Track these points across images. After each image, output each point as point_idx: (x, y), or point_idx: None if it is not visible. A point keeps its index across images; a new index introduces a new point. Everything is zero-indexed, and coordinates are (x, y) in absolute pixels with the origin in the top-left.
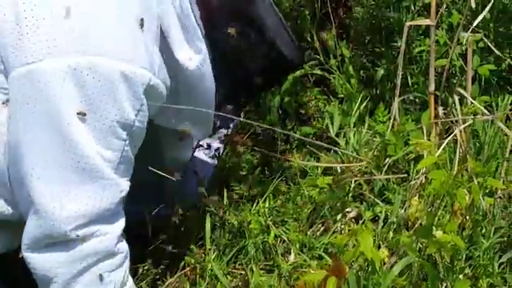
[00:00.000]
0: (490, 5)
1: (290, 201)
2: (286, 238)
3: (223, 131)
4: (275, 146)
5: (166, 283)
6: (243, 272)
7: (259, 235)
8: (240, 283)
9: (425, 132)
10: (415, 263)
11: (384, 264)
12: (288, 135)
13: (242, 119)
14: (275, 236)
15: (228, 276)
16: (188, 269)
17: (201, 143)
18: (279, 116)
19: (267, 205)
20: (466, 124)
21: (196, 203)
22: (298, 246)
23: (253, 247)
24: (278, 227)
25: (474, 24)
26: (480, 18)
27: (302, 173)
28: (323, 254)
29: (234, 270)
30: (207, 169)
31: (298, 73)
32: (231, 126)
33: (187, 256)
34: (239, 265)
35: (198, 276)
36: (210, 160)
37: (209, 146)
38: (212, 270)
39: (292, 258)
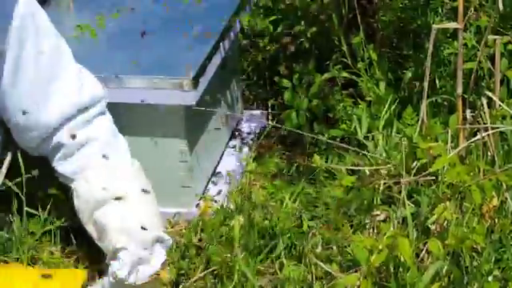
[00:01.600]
0: None
1: (320, 201)
2: (316, 232)
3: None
4: (303, 149)
5: (191, 281)
6: (272, 268)
7: (288, 232)
8: (269, 278)
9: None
10: (443, 266)
11: None
12: (316, 138)
13: (269, 123)
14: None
15: (257, 274)
16: (215, 267)
17: (227, 152)
18: (307, 119)
19: (296, 206)
20: (495, 130)
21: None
22: (325, 240)
23: (282, 242)
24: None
25: None
26: None
27: (329, 175)
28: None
29: (262, 268)
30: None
31: (325, 76)
32: (258, 130)
33: (213, 254)
34: (270, 262)
35: (224, 275)
36: (238, 164)
37: (240, 149)
38: (242, 266)
39: (320, 250)
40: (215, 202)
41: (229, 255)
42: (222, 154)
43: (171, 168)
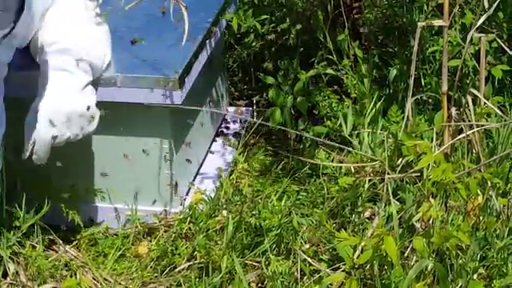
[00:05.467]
0: (496, 3)
1: (308, 196)
2: (304, 228)
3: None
4: (288, 145)
5: (176, 271)
6: (259, 262)
7: (275, 228)
8: (255, 272)
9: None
10: (428, 264)
11: None
12: (300, 136)
13: (255, 120)
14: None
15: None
16: (199, 260)
17: (212, 150)
18: (292, 116)
19: (283, 203)
20: (480, 128)
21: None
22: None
23: (271, 238)
24: (298, 214)
25: (480, 21)
26: (485, 16)
27: (313, 171)
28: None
29: (249, 261)
30: None
31: (310, 73)
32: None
33: (200, 247)
34: (256, 255)
35: (210, 266)
36: (224, 161)
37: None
38: (229, 260)
39: (307, 247)
40: (205, 195)
41: (216, 248)
42: (208, 152)
43: (157, 167)
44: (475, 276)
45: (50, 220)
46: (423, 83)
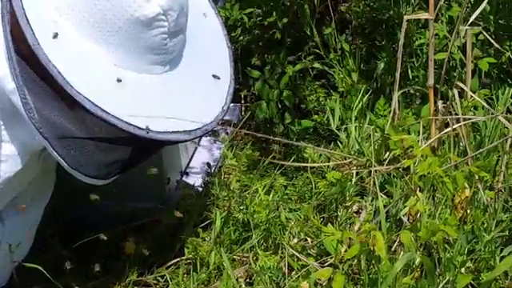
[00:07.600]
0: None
1: (296, 190)
2: (292, 223)
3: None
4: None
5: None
6: (247, 257)
7: (263, 223)
8: (243, 267)
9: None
10: (415, 258)
11: None
12: (287, 129)
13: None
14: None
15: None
16: (186, 256)
17: (200, 145)
18: (278, 110)
19: (271, 198)
20: (467, 121)
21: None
22: (303, 233)
23: (258, 233)
24: (285, 209)
25: (473, 17)
26: (478, 11)
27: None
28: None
29: (237, 257)
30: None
31: (297, 67)
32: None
33: (188, 243)
34: (244, 251)
35: (198, 262)
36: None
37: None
38: (217, 255)
39: (295, 241)
40: (194, 190)
41: (204, 244)
42: (196, 147)
43: (144, 163)
44: (463, 269)
45: None
46: (410, 76)
